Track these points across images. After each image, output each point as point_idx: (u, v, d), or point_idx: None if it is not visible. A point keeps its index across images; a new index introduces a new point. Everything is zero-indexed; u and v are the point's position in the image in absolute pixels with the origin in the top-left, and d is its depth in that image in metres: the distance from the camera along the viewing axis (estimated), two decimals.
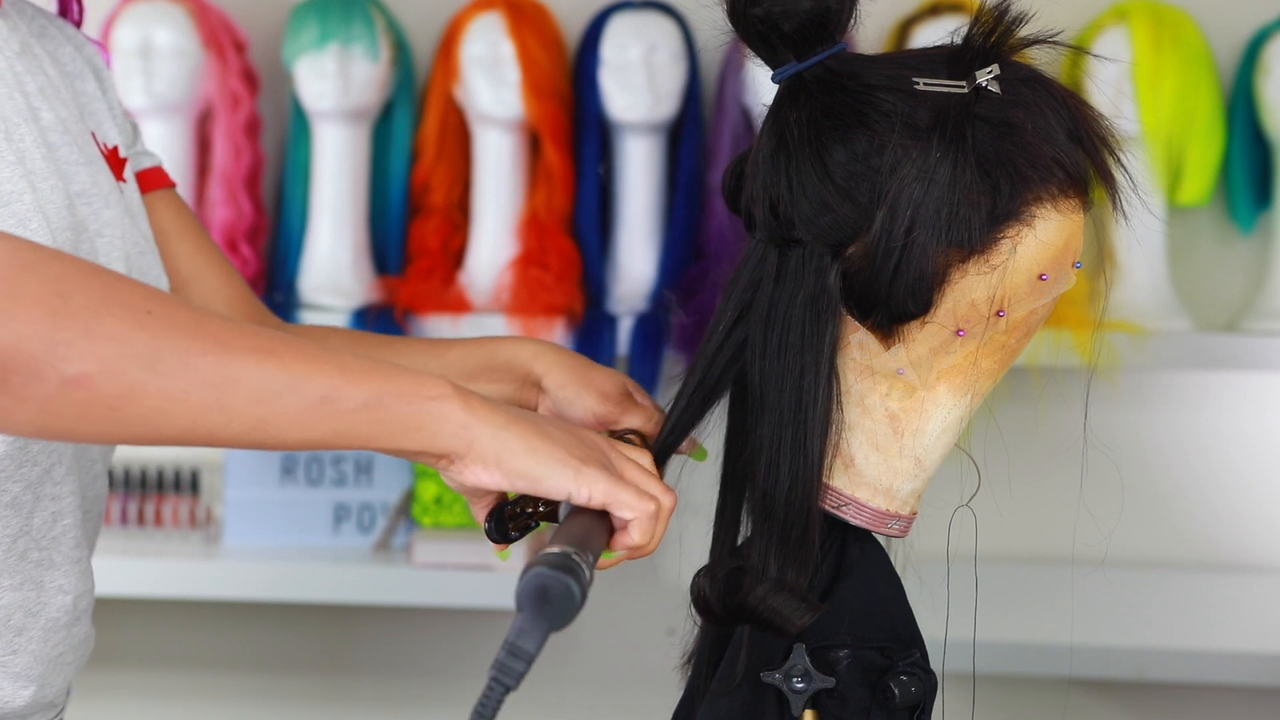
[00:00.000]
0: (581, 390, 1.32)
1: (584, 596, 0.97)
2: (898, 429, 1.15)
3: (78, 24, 1.40)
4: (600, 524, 1.07)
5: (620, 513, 1.07)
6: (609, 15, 2.39)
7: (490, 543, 1.19)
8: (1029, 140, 1.11)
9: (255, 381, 0.98)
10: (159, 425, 0.98)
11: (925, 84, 1.11)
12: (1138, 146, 2.25)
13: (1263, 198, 2.39)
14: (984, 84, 1.11)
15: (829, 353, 1.12)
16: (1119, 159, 1.15)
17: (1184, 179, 2.32)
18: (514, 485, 1.05)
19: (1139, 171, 1.21)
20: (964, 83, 1.11)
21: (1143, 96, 2.27)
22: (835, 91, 1.12)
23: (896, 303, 1.11)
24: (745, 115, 2.34)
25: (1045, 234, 1.12)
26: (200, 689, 2.57)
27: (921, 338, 1.13)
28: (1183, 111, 2.29)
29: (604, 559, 1.09)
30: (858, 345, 1.14)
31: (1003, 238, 1.11)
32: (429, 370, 1.13)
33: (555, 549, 0.99)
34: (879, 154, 1.10)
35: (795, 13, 1.11)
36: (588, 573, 0.99)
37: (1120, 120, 1.24)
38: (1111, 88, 2.19)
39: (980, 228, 1.10)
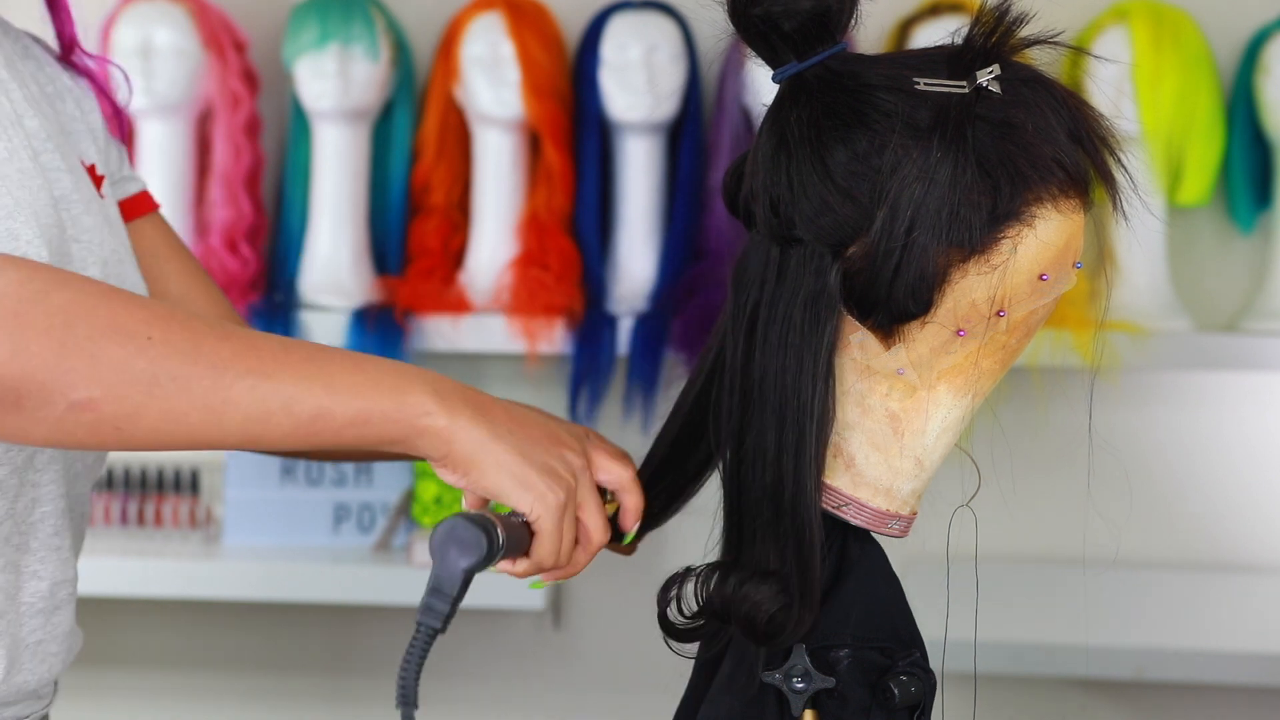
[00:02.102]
0: None
1: (491, 544, 1.06)
2: (898, 429, 1.15)
3: (71, 39, 1.39)
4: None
5: (537, 546, 1.13)
6: (609, 15, 2.39)
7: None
8: (1029, 140, 1.11)
9: (249, 404, 1.07)
10: (162, 440, 1.08)
11: (926, 84, 1.11)
12: (1138, 146, 2.24)
13: (1263, 198, 2.39)
14: (984, 84, 1.11)
15: (828, 352, 1.12)
16: (1119, 159, 1.15)
17: (1184, 179, 2.32)
18: (477, 494, 1.13)
19: (1139, 171, 1.21)
20: (964, 83, 1.11)
21: (1143, 96, 2.27)
22: (836, 91, 1.12)
23: (897, 303, 1.11)
24: (745, 115, 2.34)
25: (1046, 234, 1.12)
26: (200, 689, 2.57)
27: (922, 338, 1.13)
28: (1183, 111, 2.29)
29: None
30: (858, 345, 1.14)
31: (1003, 238, 1.11)
32: None
33: (478, 512, 1.08)
34: (879, 154, 1.10)
35: (796, 12, 1.11)
36: (500, 539, 1.07)
37: (1120, 120, 1.24)
38: (1111, 88, 2.19)
39: (981, 228, 1.10)
